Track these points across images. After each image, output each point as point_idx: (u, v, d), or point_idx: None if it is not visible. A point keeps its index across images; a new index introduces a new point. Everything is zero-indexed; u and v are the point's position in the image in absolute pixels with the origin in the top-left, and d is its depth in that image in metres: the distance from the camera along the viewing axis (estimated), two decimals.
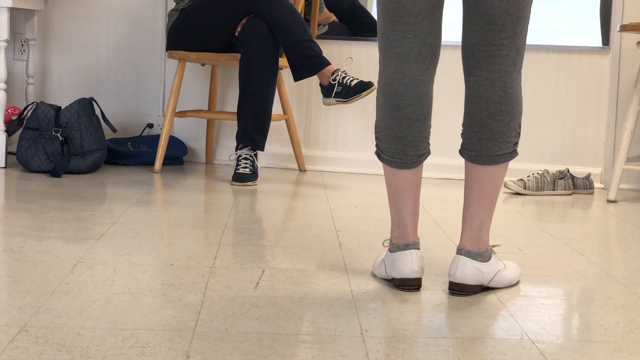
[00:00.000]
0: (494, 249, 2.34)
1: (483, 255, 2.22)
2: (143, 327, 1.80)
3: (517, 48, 2.18)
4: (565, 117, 4.53)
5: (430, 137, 2.35)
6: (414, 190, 2.26)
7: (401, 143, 2.23)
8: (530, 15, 2.22)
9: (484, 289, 2.24)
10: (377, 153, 2.29)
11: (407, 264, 2.22)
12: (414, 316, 1.98)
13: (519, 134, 2.24)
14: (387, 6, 2.21)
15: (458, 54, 4.51)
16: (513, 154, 2.24)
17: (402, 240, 2.26)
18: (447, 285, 2.25)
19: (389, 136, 2.24)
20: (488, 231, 2.24)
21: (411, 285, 2.22)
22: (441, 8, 2.24)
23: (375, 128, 2.27)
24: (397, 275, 2.22)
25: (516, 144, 2.24)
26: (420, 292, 2.19)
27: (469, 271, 2.19)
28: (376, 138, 2.27)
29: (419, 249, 2.25)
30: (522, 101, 2.25)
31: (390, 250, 2.27)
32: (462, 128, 2.25)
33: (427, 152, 2.27)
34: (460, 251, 2.22)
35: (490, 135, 2.19)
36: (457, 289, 2.19)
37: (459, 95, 4.54)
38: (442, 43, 2.53)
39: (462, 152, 2.24)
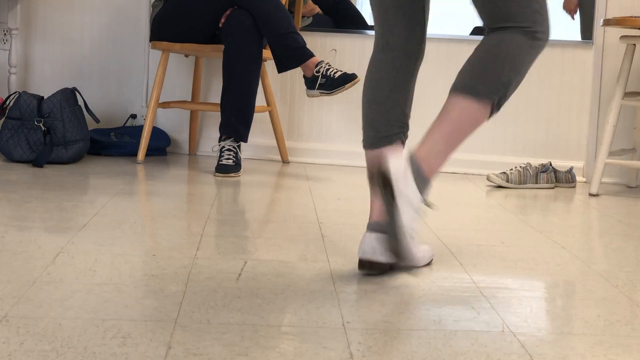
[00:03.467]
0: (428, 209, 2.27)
1: (420, 177, 2.13)
2: (125, 317, 1.80)
3: (537, 18, 2.21)
4: (548, 110, 4.55)
5: (399, 123, 2.37)
6: None
7: (363, 123, 2.39)
8: None
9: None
10: None
11: (360, 245, 2.25)
12: (396, 308, 1.98)
13: (503, 91, 2.20)
14: None
15: (442, 47, 4.51)
16: (487, 95, 2.18)
17: (369, 220, 2.30)
18: (430, 278, 2.26)
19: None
20: (438, 163, 2.18)
21: (362, 267, 2.23)
22: (419, 1, 2.32)
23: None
24: (358, 255, 2.27)
25: (495, 93, 2.19)
26: (401, 284, 2.19)
27: (398, 169, 2.09)
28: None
29: (379, 231, 2.20)
30: (524, 72, 2.22)
31: None
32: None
33: (390, 136, 2.32)
34: (408, 150, 2.20)
35: (472, 67, 2.21)
36: (372, 174, 2.19)
37: (444, 87, 4.54)
38: (427, 36, 2.57)
39: (451, 87, 2.25)
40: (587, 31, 4.52)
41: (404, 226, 2.10)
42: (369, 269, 2.22)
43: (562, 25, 4.56)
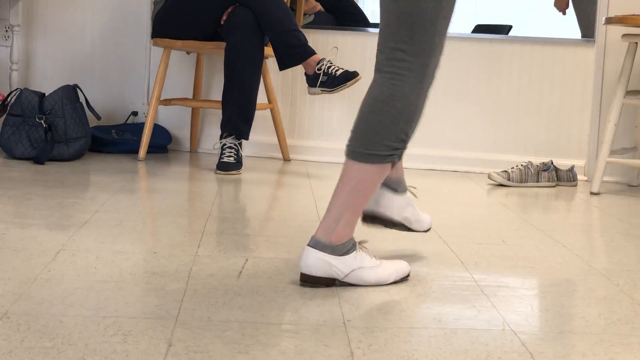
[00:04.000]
0: (364, 245, 2.21)
1: (335, 248, 2.10)
2: (125, 315, 1.80)
3: (416, 55, 2.07)
4: (550, 109, 4.54)
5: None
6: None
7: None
8: (442, 18, 2.07)
9: (342, 284, 2.14)
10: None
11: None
12: (396, 307, 1.98)
13: (404, 141, 2.11)
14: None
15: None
16: (390, 157, 2.10)
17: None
18: (431, 277, 2.26)
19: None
20: (349, 227, 2.12)
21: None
22: None
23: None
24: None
25: (396, 149, 2.11)
26: (402, 282, 2.19)
27: (312, 262, 2.09)
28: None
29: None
30: (419, 111, 2.11)
31: None
32: None
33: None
34: (310, 241, 2.12)
35: (365, 132, 2.10)
36: (302, 279, 2.11)
37: (441, 88, 4.54)
38: None
39: (346, 148, 2.15)
40: (586, 29, 4.51)
41: (377, 281, 2.15)
42: (304, 282, 2.13)
43: (566, 24, 4.56)
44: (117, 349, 1.59)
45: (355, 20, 4.69)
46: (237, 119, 4.01)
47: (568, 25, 4.56)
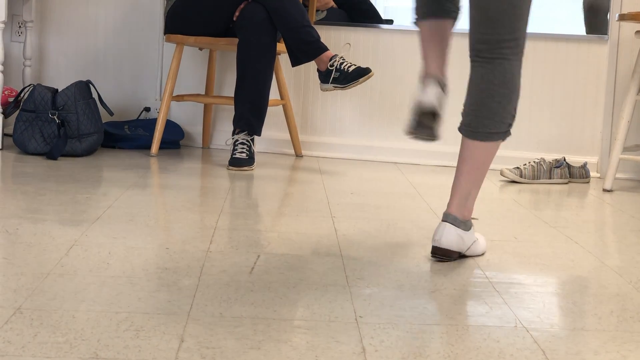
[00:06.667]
0: (473, 221, 2.54)
1: (466, 224, 2.40)
2: (138, 310, 1.81)
3: (517, 40, 2.37)
4: (563, 105, 4.53)
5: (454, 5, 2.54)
6: (430, 47, 2.51)
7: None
8: (529, 6, 2.38)
9: (461, 256, 2.42)
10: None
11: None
12: (408, 303, 1.98)
13: (514, 116, 2.40)
14: None
15: (455, 41, 4.49)
16: (506, 133, 2.41)
17: (424, 73, 2.49)
18: (443, 273, 2.26)
19: None
20: (473, 202, 2.42)
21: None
22: None
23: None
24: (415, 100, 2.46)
25: (510, 125, 2.40)
26: (413, 279, 2.19)
27: (453, 238, 2.37)
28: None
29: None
30: (520, 87, 2.42)
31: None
32: (462, 107, 2.42)
33: (442, 10, 2.51)
34: (447, 217, 2.39)
35: (487, 115, 2.37)
36: (440, 254, 2.37)
37: (458, 79, 4.53)
38: None
39: (461, 128, 2.42)
40: (592, 26, 4.50)
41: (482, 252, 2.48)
42: (442, 256, 2.38)
43: (580, 20, 4.55)
44: (129, 345, 1.60)
45: (368, 16, 4.68)
46: (250, 115, 4.01)
47: (580, 21, 4.54)
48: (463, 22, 2.54)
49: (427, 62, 2.52)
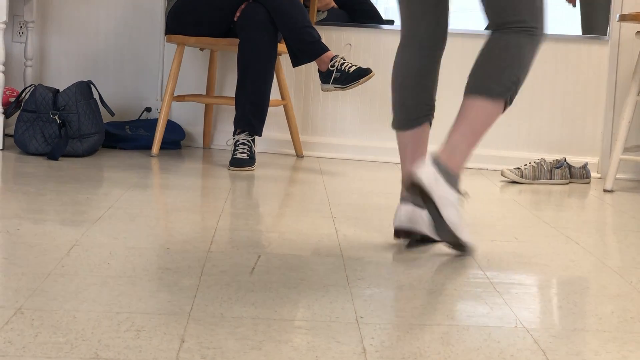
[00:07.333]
0: (462, 199, 2.47)
1: (448, 174, 2.35)
2: (138, 310, 1.81)
3: (538, 20, 2.42)
4: (563, 106, 4.53)
5: (427, 106, 2.63)
6: (410, 150, 2.60)
7: (394, 106, 2.64)
8: None
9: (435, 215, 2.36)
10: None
11: (396, 216, 2.50)
12: (409, 303, 1.98)
13: (514, 85, 2.41)
14: None
15: (457, 42, 4.50)
16: (501, 95, 2.40)
17: (401, 194, 2.57)
18: (443, 273, 2.26)
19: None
20: (462, 161, 2.39)
21: (396, 235, 2.50)
22: None
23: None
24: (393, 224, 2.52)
25: (507, 91, 2.40)
26: (414, 279, 2.19)
27: (428, 175, 2.31)
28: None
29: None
30: (529, 66, 2.45)
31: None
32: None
33: (419, 118, 2.59)
34: (431, 155, 2.37)
35: (483, 70, 2.42)
36: (408, 186, 2.33)
37: (460, 81, 4.53)
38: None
39: (465, 87, 2.45)
40: (588, 26, 4.50)
41: (452, 223, 2.36)
42: (411, 186, 2.36)
43: (572, 21, 4.54)
44: (130, 345, 1.60)
45: (369, 16, 4.68)
46: (250, 116, 4.01)
47: (577, 22, 4.54)
48: (462, 22, 2.57)
49: (405, 164, 2.60)
